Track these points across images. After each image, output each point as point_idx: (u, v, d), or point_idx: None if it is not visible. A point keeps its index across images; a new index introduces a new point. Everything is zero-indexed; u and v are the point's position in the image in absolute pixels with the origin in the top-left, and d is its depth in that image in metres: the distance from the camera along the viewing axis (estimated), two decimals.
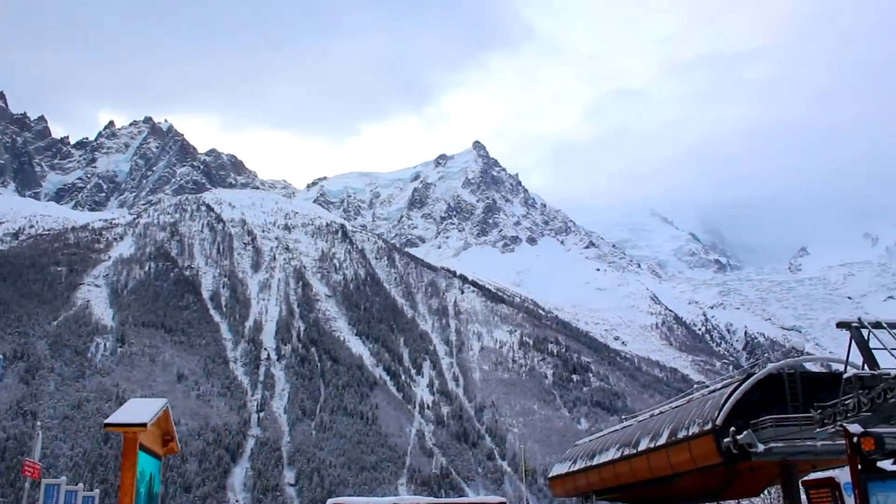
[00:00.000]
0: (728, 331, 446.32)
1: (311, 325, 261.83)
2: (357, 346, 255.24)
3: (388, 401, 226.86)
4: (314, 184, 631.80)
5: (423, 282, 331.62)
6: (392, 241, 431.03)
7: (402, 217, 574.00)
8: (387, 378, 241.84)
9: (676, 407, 41.18)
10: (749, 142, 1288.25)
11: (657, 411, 44.49)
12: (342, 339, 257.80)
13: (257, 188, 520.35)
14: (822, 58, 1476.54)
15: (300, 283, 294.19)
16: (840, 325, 25.24)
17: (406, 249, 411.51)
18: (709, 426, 33.62)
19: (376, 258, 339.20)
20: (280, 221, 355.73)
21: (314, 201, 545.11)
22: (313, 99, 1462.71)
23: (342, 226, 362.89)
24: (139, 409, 20.41)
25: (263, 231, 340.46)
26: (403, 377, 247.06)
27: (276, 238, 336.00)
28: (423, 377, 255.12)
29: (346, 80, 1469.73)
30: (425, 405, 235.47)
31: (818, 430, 25.70)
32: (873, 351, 24.38)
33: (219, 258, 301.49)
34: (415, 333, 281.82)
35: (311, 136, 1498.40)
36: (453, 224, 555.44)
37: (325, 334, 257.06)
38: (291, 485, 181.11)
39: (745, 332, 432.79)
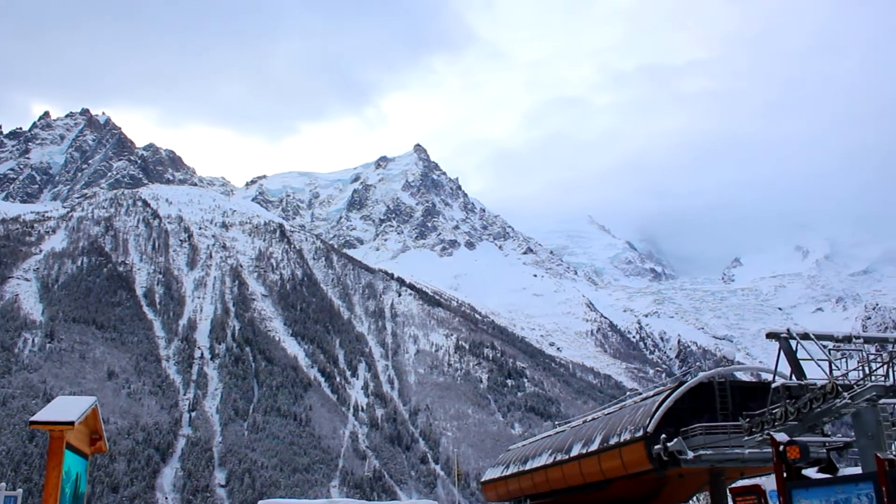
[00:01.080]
0: (662, 339, 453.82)
1: (247, 324, 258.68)
2: (292, 347, 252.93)
3: (323, 402, 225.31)
4: (253, 182, 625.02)
5: (361, 283, 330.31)
6: (330, 242, 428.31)
7: (341, 218, 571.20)
8: (321, 379, 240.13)
9: (609, 413, 41.69)
10: (685, 153, 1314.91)
11: (590, 417, 44.98)
12: (277, 339, 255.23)
13: (195, 185, 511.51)
14: (757, 74, 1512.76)
15: (236, 281, 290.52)
16: (769, 335, 25.84)
17: (344, 251, 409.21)
18: (640, 433, 34.09)
19: (314, 259, 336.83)
20: (218, 219, 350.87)
21: (253, 200, 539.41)
22: (253, 97, 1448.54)
23: (280, 225, 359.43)
24: (67, 407, 19.87)
25: (200, 228, 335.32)
26: (338, 379, 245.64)
27: (213, 236, 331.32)
28: (358, 379, 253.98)
29: (286, 78, 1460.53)
30: (360, 407, 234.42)
31: (746, 438, 26.26)
32: (801, 361, 25.01)
33: (154, 255, 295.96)
34: (351, 335, 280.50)
35: (250, 133, 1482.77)
36: (392, 226, 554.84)
37: (260, 334, 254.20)
38: (222, 486, 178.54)
39: (679, 341, 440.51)
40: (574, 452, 40.19)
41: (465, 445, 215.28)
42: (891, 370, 22.50)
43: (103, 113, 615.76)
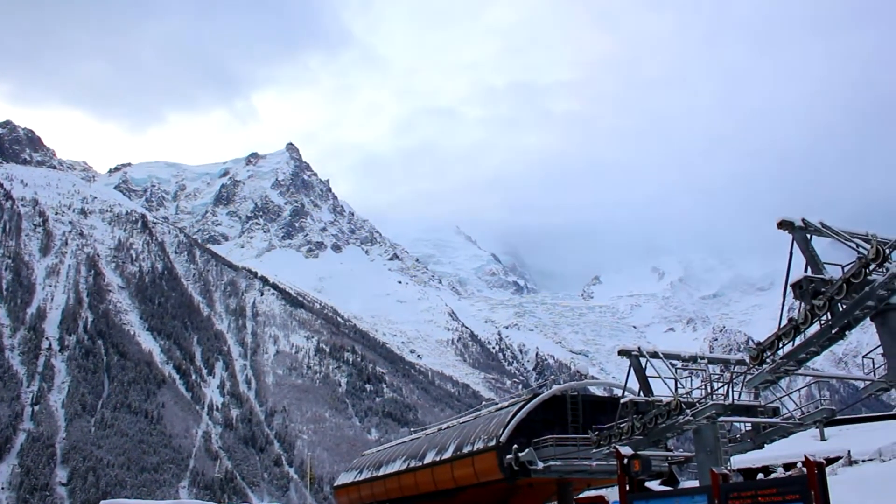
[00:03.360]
0: (520, 351, 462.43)
1: (100, 316, 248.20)
2: (147, 342, 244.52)
3: (176, 400, 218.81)
4: (117, 169, 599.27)
5: (223, 280, 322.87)
6: (194, 236, 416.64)
7: (207, 212, 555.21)
8: (176, 377, 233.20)
9: (464, 422, 42.08)
10: (550, 171, 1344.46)
11: (445, 426, 45.29)
12: (132, 333, 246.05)
13: (54, 167, 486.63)
14: (619, 100, 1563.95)
15: (92, 271, 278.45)
16: (621, 352, 26.66)
17: (208, 246, 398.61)
18: (493, 443, 34.52)
19: (176, 252, 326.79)
20: (76, 205, 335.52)
21: (115, 187, 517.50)
22: (117, 78, 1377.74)
23: (143, 216, 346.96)
24: None
25: (57, 213, 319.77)
26: (194, 377, 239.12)
27: (71, 222, 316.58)
28: (214, 378, 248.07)
29: (152, 63, 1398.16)
30: (214, 406, 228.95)
31: (594, 450, 27.00)
32: (649, 378, 25.90)
33: (3, 238, 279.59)
34: (209, 332, 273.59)
35: (113, 117, 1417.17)
36: (259, 224, 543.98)
37: (114, 327, 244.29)
38: (63, 484, 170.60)
39: (537, 353, 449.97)
40: (428, 460, 40.35)
41: (320, 449, 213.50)
42: (731, 390, 23.59)
43: None
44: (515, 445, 33.24)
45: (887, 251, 16.02)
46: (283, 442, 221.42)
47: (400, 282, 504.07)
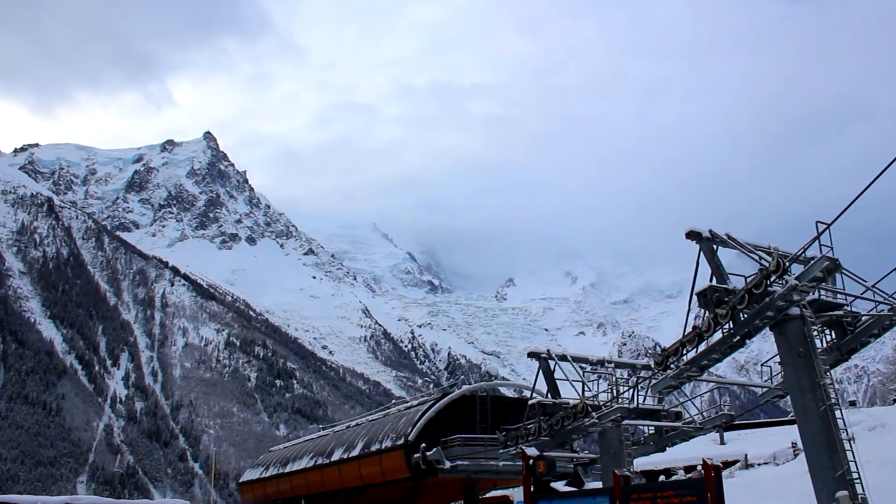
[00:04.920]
0: (433, 350, 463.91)
1: None
2: (49, 330, 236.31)
3: (77, 392, 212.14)
4: (23, 149, 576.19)
5: (132, 269, 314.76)
6: (103, 223, 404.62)
7: (118, 198, 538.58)
8: (78, 367, 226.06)
9: (373, 420, 41.99)
10: (466, 172, 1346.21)
11: (354, 423, 45.12)
12: (33, 320, 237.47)
13: None
14: (538, 105, 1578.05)
15: None
16: (531, 354, 26.96)
17: (118, 233, 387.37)
18: (401, 441, 34.52)
19: (83, 238, 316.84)
20: None
21: (21, 168, 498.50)
22: (23, 52, 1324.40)
23: (49, 199, 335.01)
24: None
25: None
26: (97, 368, 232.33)
27: None
28: (119, 369, 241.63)
29: (60, 37, 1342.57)
30: (118, 399, 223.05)
31: (502, 450, 27.23)
32: (558, 381, 26.26)
33: None
34: (115, 323, 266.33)
35: (18, 93, 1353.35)
36: (172, 213, 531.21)
37: (13, 314, 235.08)
38: None
39: (449, 353, 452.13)
40: (335, 457, 40.12)
41: (227, 444, 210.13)
42: (636, 394, 24.11)
43: None
44: (423, 444, 33.30)
45: (787, 264, 16.57)
46: (189, 436, 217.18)
47: (314, 277, 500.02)
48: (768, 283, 16.67)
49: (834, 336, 19.39)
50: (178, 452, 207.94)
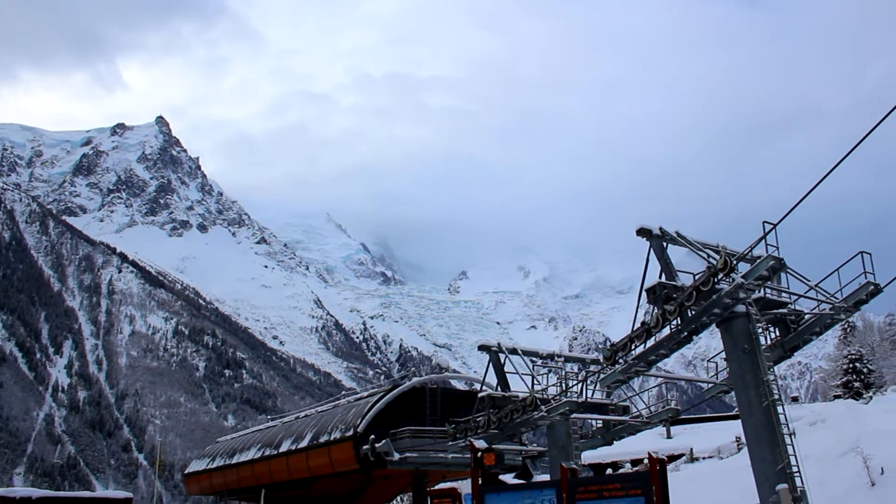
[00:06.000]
0: (385, 342, 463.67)
1: None
2: None
3: (17, 380, 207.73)
4: None
5: (78, 255, 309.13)
6: (49, 206, 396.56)
7: (64, 182, 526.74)
8: (18, 355, 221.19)
9: (322, 411, 41.80)
10: (421, 164, 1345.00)
11: (303, 414, 44.88)
12: None
13: None
14: (495, 99, 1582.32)
15: None
16: (481, 347, 27.04)
17: (63, 217, 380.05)
18: (350, 433, 34.42)
19: (27, 222, 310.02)
20: None
21: None
22: None
23: None
24: None
25: None
26: (39, 355, 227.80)
27: None
28: (62, 357, 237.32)
29: (1, 14, 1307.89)
30: (60, 388, 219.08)
31: (451, 443, 27.29)
32: (508, 374, 26.38)
33: None
34: (59, 309, 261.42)
35: None
36: (121, 198, 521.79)
37: None
38: None
39: (401, 345, 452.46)
40: (283, 448, 39.89)
41: (173, 435, 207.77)
42: (584, 388, 24.34)
43: None
44: (373, 436, 33.24)
45: (734, 263, 16.83)
46: (134, 427, 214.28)
47: (266, 266, 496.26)
48: (716, 280, 16.92)
49: (778, 333, 19.77)
50: (122, 443, 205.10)
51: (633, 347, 18.94)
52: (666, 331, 18.13)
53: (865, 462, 25.85)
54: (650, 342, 18.58)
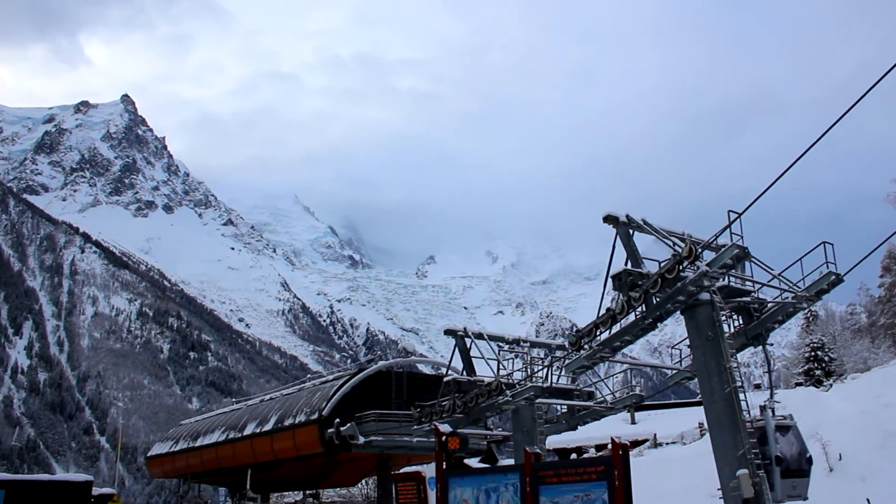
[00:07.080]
0: (352, 325, 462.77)
1: None
2: None
3: None
4: None
5: (40, 234, 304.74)
6: (9, 185, 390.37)
7: (25, 159, 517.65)
8: None
9: (287, 395, 41.70)
10: (389, 147, 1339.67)
11: (268, 397, 44.74)
12: None
13: None
14: (465, 84, 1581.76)
15: None
16: (447, 332, 27.00)
17: (24, 196, 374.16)
18: (315, 416, 34.36)
19: None
20: None
21: None
22: None
23: None
24: None
25: None
26: None
27: None
28: (21, 338, 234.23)
29: None
30: (19, 369, 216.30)
31: (416, 427, 27.30)
32: (473, 359, 26.41)
33: None
34: (19, 289, 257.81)
35: None
36: (85, 178, 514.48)
37: None
38: None
39: (368, 329, 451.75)
40: (248, 431, 39.75)
41: (136, 418, 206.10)
42: (550, 373, 24.44)
43: None
44: (338, 420, 33.20)
45: (699, 251, 16.94)
46: (96, 409, 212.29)
47: (233, 248, 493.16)
48: (681, 268, 17.01)
49: (741, 321, 19.95)
50: (84, 426, 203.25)
51: (598, 333, 19.01)
52: (631, 317, 18.24)
53: (824, 448, 26.28)
54: (615, 328, 18.68)
